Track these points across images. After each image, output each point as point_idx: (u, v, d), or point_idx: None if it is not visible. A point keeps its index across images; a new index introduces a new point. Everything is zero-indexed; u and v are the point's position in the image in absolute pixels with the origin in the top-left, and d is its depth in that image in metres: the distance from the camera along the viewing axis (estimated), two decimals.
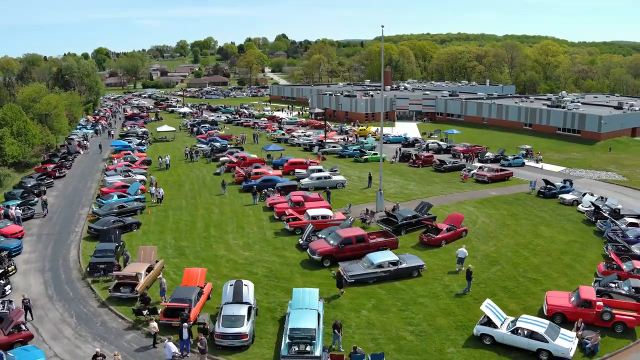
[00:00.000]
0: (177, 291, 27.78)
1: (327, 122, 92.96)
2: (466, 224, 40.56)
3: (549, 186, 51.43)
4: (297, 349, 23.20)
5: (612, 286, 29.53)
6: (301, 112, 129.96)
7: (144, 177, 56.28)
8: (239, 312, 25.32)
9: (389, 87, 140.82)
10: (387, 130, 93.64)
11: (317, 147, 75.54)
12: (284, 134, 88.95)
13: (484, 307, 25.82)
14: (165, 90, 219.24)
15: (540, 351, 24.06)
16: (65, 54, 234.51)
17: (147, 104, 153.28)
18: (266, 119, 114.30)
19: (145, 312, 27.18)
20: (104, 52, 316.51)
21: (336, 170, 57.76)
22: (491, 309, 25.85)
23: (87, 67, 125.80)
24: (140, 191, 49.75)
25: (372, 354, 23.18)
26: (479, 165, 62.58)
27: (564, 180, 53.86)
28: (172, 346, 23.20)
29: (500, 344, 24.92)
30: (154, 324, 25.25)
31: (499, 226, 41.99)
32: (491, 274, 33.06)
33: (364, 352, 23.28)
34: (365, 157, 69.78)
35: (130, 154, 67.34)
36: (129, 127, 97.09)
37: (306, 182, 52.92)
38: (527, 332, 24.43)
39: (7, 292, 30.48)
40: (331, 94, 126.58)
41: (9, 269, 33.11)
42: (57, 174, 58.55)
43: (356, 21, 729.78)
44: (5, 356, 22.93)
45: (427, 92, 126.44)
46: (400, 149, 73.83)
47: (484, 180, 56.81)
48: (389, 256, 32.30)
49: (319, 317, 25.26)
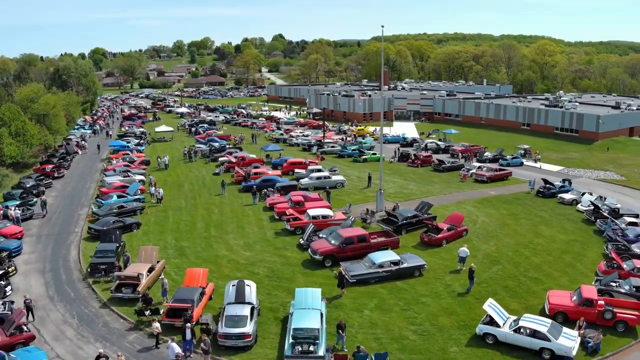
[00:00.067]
0: (179, 291, 27.73)
1: (325, 122, 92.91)
2: (466, 224, 40.59)
3: (548, 186, 51.57)
4: (300, 349, 23.19)
5: (613, 285, 29.63)
6: (299, 112, 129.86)
7: (143, 178, 56.16)
8: (242, 313, 25.29)
9: (386, 87, 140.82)
10: (386, 130, 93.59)
11: (315, 147, 75.54)
12: (282, 134, 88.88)
13: (486, 307, 25.87)
14: (162, 90, 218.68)
15: (542, 350, 24.13)
16: (61, 54, 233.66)
17: (144, 104, 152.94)
18: (264, 119, 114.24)
19: (147, 313, 27.09)
20: (101, 52, 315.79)
21: (335, 170, 57.77)
22: (494, 308, 25.90)
23: (85, 67, 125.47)
24: (139, 191, 49.66)
25: (375, 354, 23.20)
26: (478, 165, 62.68)
27: (563, 179, 54.00)
28: (175, 347, 23.13)
29: (502, 343, 24.98)
30: (157, 325, 25.19)
31: (499, 226, 42.07)
32: (492, 273, 33.12)
33: (367, 352, 23.30)
34: (364, 157, 69.82)
35: (128, 154, 67.13)
36: (127, 127, 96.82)
37: (306, 182, 52.89)
38: (530, 331, 24.50)
39: (7, 293, 30.38)
40: (329, 94, 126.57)
41: (9, 269, 32.97)
42: (56, 175, 58.32)
43: (353, 21, 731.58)
44: (7, 357, 22.85)
45: (424, 92, 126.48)
46: (398, 149, 73.98)
47: (483, 180, 56.91)
48: (390, 256, 32.33)
49: (321, 317, 25.24)
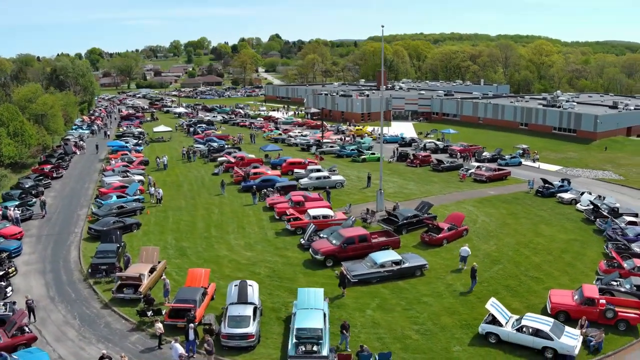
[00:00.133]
0: (182, 292, 27.67)
1: (323, 122, 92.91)
2: (466, 223, 40.61)
3: (547, 185, 51.70)
4: (304, 349, 23.17)
5: (614, 284, 29.74)
6: (297, 112, 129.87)
7: (142, 178, 56.04)
8: (245, 313, 25.25)
9: (384, 87, 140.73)
10: (384, 130, 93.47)
11: (314, 147, 75.52)
12: (280, 134, 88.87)
13: (489, 306, 25.90)
14: (159, 90, 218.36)
15: (545, 349, 24.18)
16: (58, 54, 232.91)
17: (141, 104, 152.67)
18: (262, 119, 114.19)
19: (149, 313, 27.01)
20: (97, 53, 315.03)
21: (335, 170, 57.78)
22: (496, 307, 25.94)
23: (82, 67, 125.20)
24: (138, 192, 49.54)
25: (379, 353, 23.20)
26: (477, 164, 62.80)
27: (562, 179, 54.12)
28: (178, 347, 23.06)
29: (505, 342, 25.03)
30: (160, 325, 25.13)
31: (499, 225, 42.15)
32: (493, 272, 33.18)
33: (370, 352, 23.30)
34: (363, 156, 69.85)
35: (127, 154, 66.97)
36: (125, 128, 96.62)
37: (305, 182, 52.87)
38: (532, 330, 24.56)
39: (8, 294, 30.27)
40: (327, 94, 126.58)
41: (10, 270, 32.85)
42: (55, 175, 58.14)
43: (349, 21, 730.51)
44: (9, 359, 22.78)
45: (422, 92, 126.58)
46: (397, 149, 74.10)
47: (482, 179, 57.00)
48: (391, 256, 32.35)
49: (324, 316, 25.25)
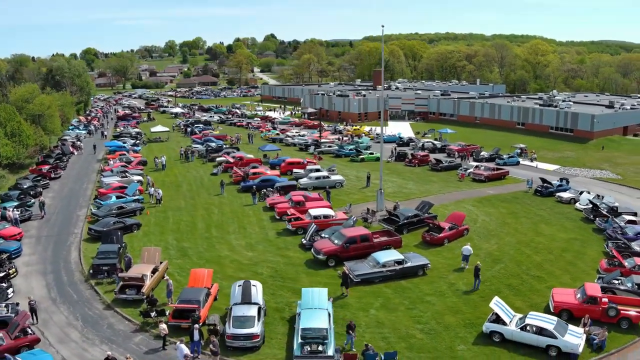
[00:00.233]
0: (185, 292, 27.57)
1: (321, 122, 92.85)
2: (467, 223, 40.68)
3: (545, 185, 51.88)
4: (309, 348, 23.17)
5: (616, 283, 29.90)
6: (293, 112, 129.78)
7: (141, 178, 55.85)
8: (249, 313, 25.22)
9: (380, 86, 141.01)
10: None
11: (312, 147, 75.49)
12: (278, 134, 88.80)
13: (492, 305, 25.99)
14: (155, 90, 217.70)
15: (549, 347, 24.29)
16: (53, 54, 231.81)
17: (137, 104, 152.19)
18: (259, 119, 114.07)
19: (153, 314, 26.95)
20: (92, 53, 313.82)
21: (334, 169, 57.77)
22: (500, 306, 26.03)
23: (78, 67, 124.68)
24: (138, 192, 49.37)
25: (385, 353, 23.25)
26: (475, 164, 62.95)
27: (561, 178, 54.34)
28: (183, 348, 22.99)
29: (509, 341, 25.12)
30: (164, 326, 25.03)
31: (500, 224, 42.27)
32: (495, 272, 33.27)
33: (376, 351, 23.31)
34: (361, 156, 69.90)
35: (125, 154, 66.76)
36: (122, 128, 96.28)
37: (305, 181, 52.84)
38: (536, 328, 24.66)
39: (9, 295, 30.12)
40: (323, 94, 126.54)
41: (10, 271, 32.68)
42: (53, 175, 57.86)
43: (345, 21, 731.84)
44: None
45: (419, 92, 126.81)
46: (395, 149, 74.14)
47: (481, 179, 57.15)
48: (394, 255, 32.39)
49: (329, 316, 25.25)
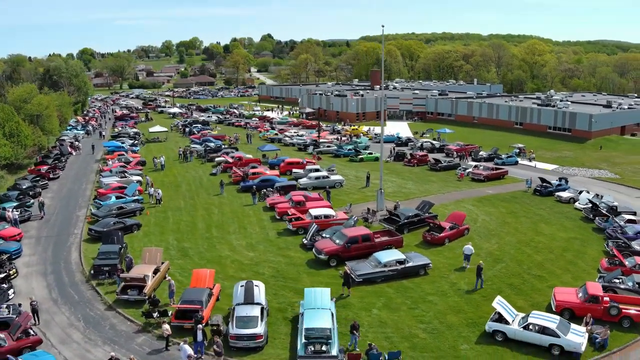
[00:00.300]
0: (187, 293, 27.53)
1: (319, 122, 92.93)
2: (467, 222, 40.71)
3: (545, 184, 51.99)
4: (313, 348, 23.16)
5: (617, 282, 30.00)
6: (291, 112, 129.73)
7: (140, 178, 55.73)
8: (252, 313, 25.19)
9: (378, 86, 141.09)
10: (380, 129, 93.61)
11: (311, 147, 75.48)
12: (276, 134, 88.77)
13: (495, 304, 26.03)
14: (152, 90, 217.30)
15: (552, 346, 24.36)
16: (49, 54, 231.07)
17: (135, 104, 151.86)
18: (257, 119, 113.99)
19: (155, 315, 26.89)
20: (89, 53, 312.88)
21: (333, 169, 57.77)
22: (502, 305, 26.08)
23: (76, 67, 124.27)
24: (137, 192, 49.24)
25: (389, 352, 23.27)
26: (474, 164, 63.05)
27: (560, 178, 54.46)
28: (187, 348, 22.94)
29: (512, 340, 25.18)
30: (167, 327, 25.00)
31: (500, 224, 42.35)
32: (496, 271, 33.33)
33: (379, 351, 23.31)
34: (360, 156, 69.94)
35: (124, 154, 66.63)
36: (120, 128, 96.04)
37: (305, 181, 52.82)
38: (539, 327, 24.74)
39: (10, 296, 30.01)
40: (321, 94, 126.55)
41: (11, 272, 32.57)
42: (51, 176, 57.71)
43: (341, 21, 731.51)
44: None
45: (416, 92, 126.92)
46: (394, 148, 74.21)
47: (480, 179, 57.24)
48: (395, 255, 32.41)
49: (332, 316, 25.26)
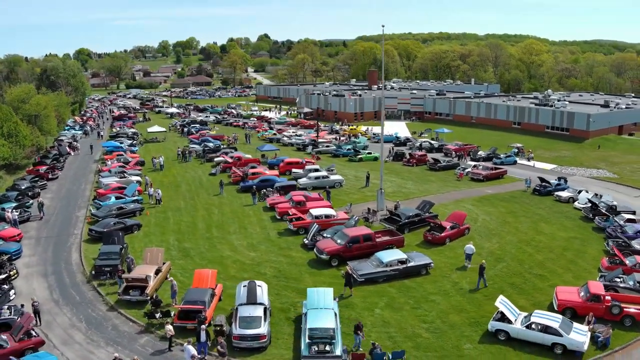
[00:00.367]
0: (190, 293, 27.46)
1: (318, 122, 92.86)
2: (467, 222, 40.76)
3: (544, 184, 52.12)
4: (317, 348, 23.16)
5: (618, 281, 30.10)
6: (289, 112, 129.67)
7: (139, 178, 55.61)
8: (255, 313, 25.17)
9: (375, 86, 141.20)
10: (378, 129, 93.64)
11: (310, 147, 75.46)
12: (275, 134, 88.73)
13: (498, 303, 26.10)
14: (149, 90, 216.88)
15: (555, 345, 24.44)
16: (46, 54, 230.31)
17: (132, 104, 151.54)
18: (255, 119, 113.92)
19: (158, 315, 26.85)
20: (86, 53, 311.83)
21: (333, 169, 57.78)
22: (505, 305, 26.15)
23: (73, 67, 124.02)
24: (137, 192, 49.12)
25: (393, 352, 23.29)
26: (473, 163, 63.16)
27: (559, 177, 54.60)
28: (191, 349, 22.88)
29: (514, 339, 25.24)
30: (170, 327, 24.92)
31: (500, 223, 42.43)
32: (498, 270, 33.40)
33: (383, 350, 23.33)
34: (359, 156, 69.97)
35: (123, 154, 66.48)
36: (118, 128, 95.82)
37: (304, 181, 52.80)
38: (542, 326, 24.82)
39: (11, 297, 29.92)
40: (319, 94, 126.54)
41: (11, 273, 32.46)
42: (50, 176, 57.53)
43: (338, 21, 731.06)
44: None
45: (414, 92, 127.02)
46: (393, 148, 74.26)
47: (479, 178, 57.34)
48: (397, 255, 32.43)
49: (335, 316, 25.26)
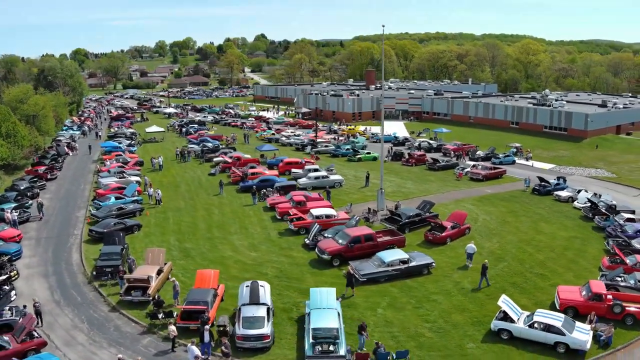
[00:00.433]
0: (192, 293, 27.40)
1: (316, 122, 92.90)
2: (468, 222, 40.81)
3: (543, 183, 52.24)
4: (321, 348, 23.16)
5: (619, 280, 30.20)
6: (287, 112, 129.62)
7: (138, 179, 55.51)
8: (258, 313, 25.15)
9: (373, 86, 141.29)
10: (376, 129, 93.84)
11: (309, 147, 75.45)
12: (274, 134, 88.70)
13: (500, 303, 26.15)
14: (146, 90, 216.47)
15: (557, 344, 24.51)
16: (42, 55, 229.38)
17: (130, 104, 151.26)
18: (253, 119, 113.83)
19: (160, 316, 26.80)
20: (83, 53, 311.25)
21: (332, 169, 57.79)
22: (507, 304, 26.20)
23: (71, 67, 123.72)
24: (136, 192, 49.02)
25: (396, 351, 23.31)
26: (472, 163, 63.25)
27: (558, 177, 54.72)
28: (194, 349, 22.84)
29: (517, 338, 25.30)
30: (173, 328, 24.86)
31: (500, 223, 42.52)
32: (499, 270, 33.46)
33: (387, 350, 23.35)
34: (359, 156, 70.02)
35: (122, 155, 66.33)
36: (116, 128, 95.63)
37: (304, 181, 52.78)
38: (544, 325, 24.87)
39: (12, 298, 29.81)
40: (317, 94, 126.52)
41: (12, 274, 32.34)
42: (49, 176, 57.36)
43: (336, 21, 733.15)
44: None
45: (412, 92, 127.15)
46: (392, 148, 74.32)
47: (478, 178, 57.44)
48: (399, 254, 32.47)
49: (339, 316, 25.27)
